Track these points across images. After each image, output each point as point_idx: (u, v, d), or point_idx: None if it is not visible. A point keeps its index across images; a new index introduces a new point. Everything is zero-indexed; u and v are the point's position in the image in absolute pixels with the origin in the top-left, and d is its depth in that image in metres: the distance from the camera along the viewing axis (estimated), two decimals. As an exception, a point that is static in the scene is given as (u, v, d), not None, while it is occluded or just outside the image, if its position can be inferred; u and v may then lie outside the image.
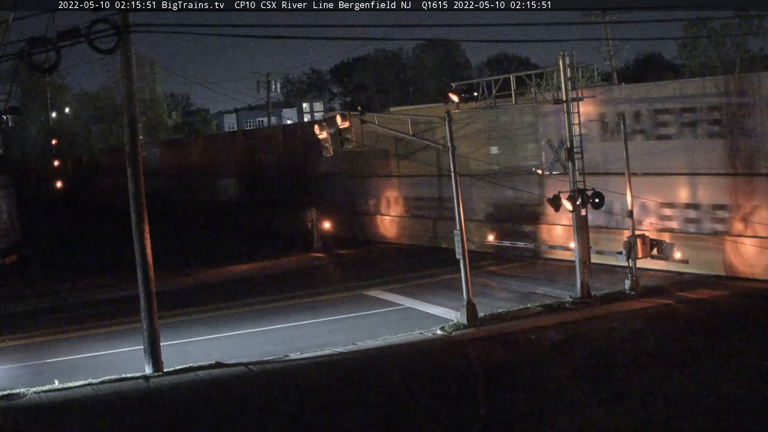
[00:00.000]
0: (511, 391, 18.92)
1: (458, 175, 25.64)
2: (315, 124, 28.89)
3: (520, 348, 22.04)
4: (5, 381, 21.63)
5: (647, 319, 23.63)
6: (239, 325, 26.69)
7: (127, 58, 21.49)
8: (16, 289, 35.82)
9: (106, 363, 22.89)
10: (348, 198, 45.54)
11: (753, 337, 21.27)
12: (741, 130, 27.25)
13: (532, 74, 29.34)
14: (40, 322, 29.03)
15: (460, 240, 24.99)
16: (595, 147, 30.59)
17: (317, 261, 39.38)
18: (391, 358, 21.66)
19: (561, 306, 25.77)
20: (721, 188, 27.99)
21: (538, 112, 33.11)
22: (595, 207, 26.25)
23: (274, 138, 54.82)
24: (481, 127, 36.07)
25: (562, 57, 26.53)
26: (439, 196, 39.06)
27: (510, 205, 35.66)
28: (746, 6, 51.14)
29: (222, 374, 20.88)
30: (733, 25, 60.70)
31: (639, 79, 60.01)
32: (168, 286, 31.59)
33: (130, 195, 21.78)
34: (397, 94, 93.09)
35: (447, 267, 31.19)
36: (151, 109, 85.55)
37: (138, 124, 22.57)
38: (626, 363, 20.06)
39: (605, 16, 55.70)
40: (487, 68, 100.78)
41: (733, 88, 27.71)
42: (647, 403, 17.37)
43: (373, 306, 28.35)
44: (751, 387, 17.94)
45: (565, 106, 26.67)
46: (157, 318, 21.88)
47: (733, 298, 25.40)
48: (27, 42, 19.59)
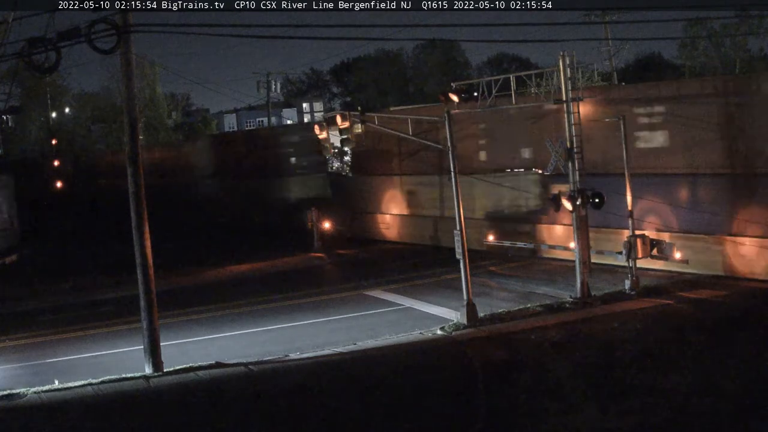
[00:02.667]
0: (511, 391, 18.92)
1: (458, 175, 25.64)
2: (315, 125, 28.91)
3: (520, 348, 22.02)
4: (5, 381, 21.62)
5: (647, 319, 23.63)
6: (239, 325, 26.68)
7: (127, 58, 21.47)
8: (16, 289, 35.80)
9: (106, 363, 22.88)
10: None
11: (753, 337, 21.27)
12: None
13: (532, 74, 29.34)
14: (40, 322, 29.01)
15: (460, 240, 24.99)
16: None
17: (317, 261, 39.38)
18: (391, 358, 21.65)
19: (561, 306, 25.76)
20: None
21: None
22: (596, 207, 26.25)
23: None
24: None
25: (562, 57, 26.52)
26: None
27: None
28: (746, 6, 51.14)
29: (222, 374, 20.87)
30: (733, 25, 60.74)
31: (639, 79, 60.03)
32: (168, 286, 31.56)
33: (130, 195, 21.75)
34: (397, 94, 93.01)
35: (447, 267, 31.19)
36: (151, 109, 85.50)
37: (138, 124, 22.57)
38: (626, 363, 20.05)
39: (605, 16, 55.66)
40: (487, 68, 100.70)
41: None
42: (647, 403, 17.38)
43: (373, 306, 28.35)
44: (751, 387, 17.94)
45: (566, 106, 26.68)
46: (157, 318, 21.87)
47: (733, 298, 25.40)
48: (27, 42, 19.59)
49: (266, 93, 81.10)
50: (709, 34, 61.56)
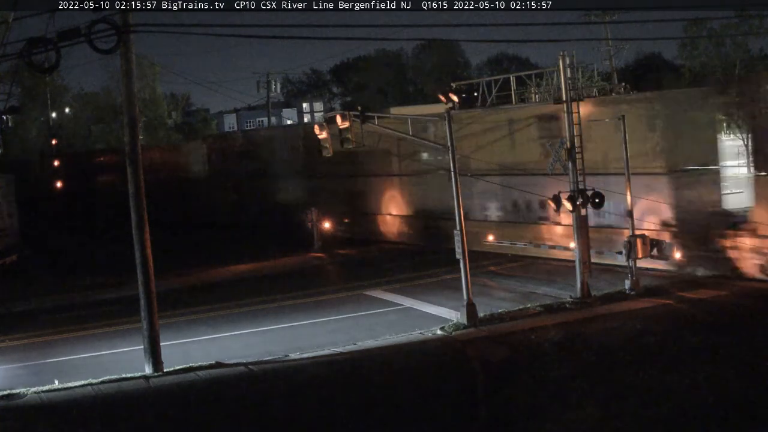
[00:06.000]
0: (511, 390, 18.91)
1: (458, 175, 25.63)
2: (315, 125, 28.89)
3: (520, 348, 22.02)
4: (5, 381, 21.62)
5: (647, 319, 23.62)
6: (239, 325, 26.68)
7: (127, 58, 21.48)
8: (16, 289, 35.79)
9: (106, 363, 22.88)
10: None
11: (753, 337, 21.26)
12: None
13: (532, 74, 29.36)
14: (40, 322, 29.01)
15: (460, 240, 24.97)
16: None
17: (317, 261, 39.38)
18: (391, 358, 21.64)
19: (561, 306, 25.77)
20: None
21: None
22: (596, 207, 26.26)
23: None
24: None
25: (562, 57, 26.53)
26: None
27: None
28: (746, 6, 51.12)
29: (222, 374, 20.87)
30: (733, 25, 60.63)
31: (639, 80, 60.03)
32: (168, 286, 31.55)
33: (130, 195, 21.77)
34: (397, 94, 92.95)
35: (447, 267, 31.17)
36: (151, 109, 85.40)
37: (138, 124, 22.56)
38: (626, 363, 20.04)
39: (605, 16, 55.65)
40: (487, 68, 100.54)
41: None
42: (647, 403, 17.37)
43: (373, 306, 28.35)
44: (750, 387, 17.93)
45: (565, 107, 26.68)
46: (157, 318, 21.87)
47: (733, 297, 25.40)
48: (27, 42, 19.58)
49: (266, 93, 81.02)
50: (709, 34, 61.47)
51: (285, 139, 54.00)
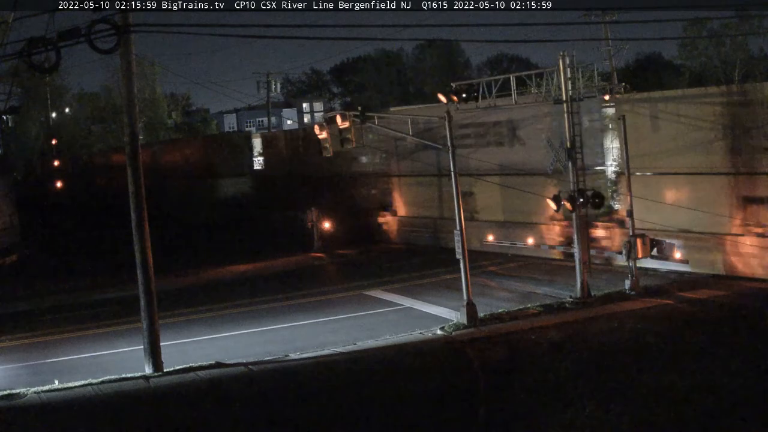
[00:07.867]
0: (511, 391, 18.92)
1: (458, 175, 25.62)
2: (315, 125, 28.88)
3: (520, 348, 22.02)
4: (5, 381, 21.63)
5: (647, 319, 23.62)
6: (239, 325, 26.68)
7: (127, 58, 21.48)
8: (16, 289, 35.80)
9: (106, 363, 22.88)
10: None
11: (753, 337, 21.26)
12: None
13: (532, 74, 29.31)
14: (40, 322, 29.02)
15: (460, 240, 24.97)
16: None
17: (317, 261, 39.37)
18: (391, 358, 21.65)
19: (561, 306, 25.76)
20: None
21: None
22: (596, 207, 26.24)
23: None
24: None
25: (562, 57, 26.51)
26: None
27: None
28: (746, 6, 51.10)
29: (222, 374, 20.87)
30: (733, 25, 60.66)
31: (639, 79, 59.97)
32: (168, 286, 31.56)
33: (130, 195, 21.76)
34: (397, 94, 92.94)
35: (447, 267, 31.18)
36: (151, 109, 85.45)
37: (138, 124, 22.56)
38: (626, 363, 20.05)
39: (605, 16, 55.59)
40: (487, 68, 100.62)
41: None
42: (647, 403, 17.38)
43: (373, 306, 28.35)
44: (751, 386, 17.94)
45: (566, 106, 26.68)
46: (157, 318, 21.87)
47: (733, 297, 25.40)
48: (27, 42, 19.57)
49: (266, 93, 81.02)
50: (709, 34, 61.51)
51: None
